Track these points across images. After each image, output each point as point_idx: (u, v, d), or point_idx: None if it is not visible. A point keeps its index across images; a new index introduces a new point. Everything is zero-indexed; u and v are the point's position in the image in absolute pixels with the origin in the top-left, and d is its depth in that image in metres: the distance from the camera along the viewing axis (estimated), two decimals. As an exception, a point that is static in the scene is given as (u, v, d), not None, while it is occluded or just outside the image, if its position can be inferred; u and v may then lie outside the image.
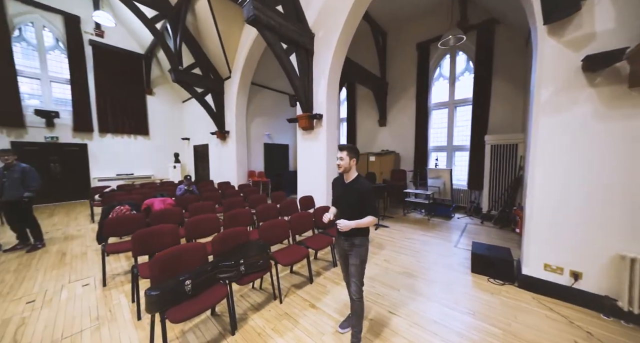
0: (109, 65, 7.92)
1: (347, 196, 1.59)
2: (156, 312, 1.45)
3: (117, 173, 8.44)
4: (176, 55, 6.00)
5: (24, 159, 6.62)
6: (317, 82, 4.30)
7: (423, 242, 3.74)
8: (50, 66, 7.04)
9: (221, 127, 7.26)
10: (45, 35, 6.95)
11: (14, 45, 6.44)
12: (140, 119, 8.79)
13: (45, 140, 7.00)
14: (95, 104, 7.77)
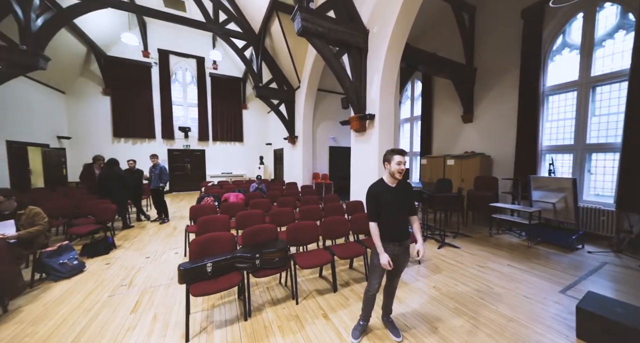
0: (220, 90, 10.51)
1: (398, 199, 1.63)
2: (183, 283, 1.78)
3: (222, 172, 10.96)
4: (258, 75, 7.23)
5: (172, 160, 9.77)
6: (370, 80, 4.05)
7: (505, 275, 2.76)
8: (188, 96, 10.10)
9: (292, 132, 8.08)
10: (187, 75, 10.05)
11: (172, 84, 9.68)
12: (238, 128, 11.10)
13: (183, 147, 10.06)
14: (211, 120, 10.47)
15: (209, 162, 10.65)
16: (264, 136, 11.82)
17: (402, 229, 1.65)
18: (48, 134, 6.97)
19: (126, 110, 8.77)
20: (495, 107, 5.60)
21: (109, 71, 8.32)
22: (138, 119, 8.97)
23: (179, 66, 9.89)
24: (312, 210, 3.50)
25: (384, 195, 1.63)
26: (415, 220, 1.76)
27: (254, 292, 2.42)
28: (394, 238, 1.64)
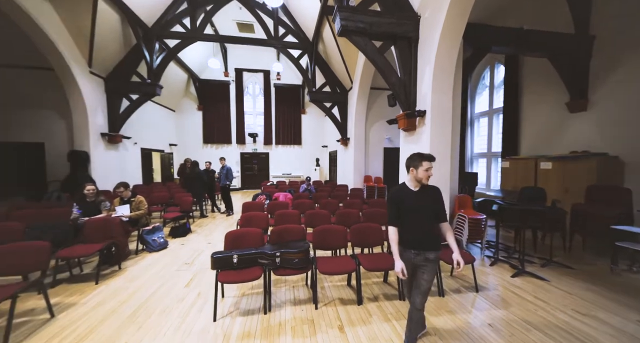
0: (282, 98, 11.62)
1: (421, 203, 1.57)
2: (214, 269, 2.07)
3: (283, 173, 12.05)
4: (311, 80, 7.60)
5: (243, 161, 11.44)
6: (421, 72, 3.60)
7: (627, 336, 1.87)
8: (256, 105, 11.64)
9: (344, 134, 8.08)
10: (256, 87, 11.60)
11: (245, 97, 11.37)
12: (297, 132, 11.95)
13: (252, 150, 11.64)
14: (274, 125, 11.69)
15: (272, 164, 11.92)
16: (320, 139, 12.28)
17: (424, 237, 1.56)
18: (164, 142, 9.47)
19: (211, 121, 10.92)
20: (630, 87, 3.92)
21: (201, 91, 10.60)
22: (219, 128, 11.00)
23: (250, 81, 11.53)
24: (348, 214, 3.40)
25: (405, 199, 1.60)
26: (446, 228, 1.61)
27: (280, 289, 2.55)
28: (411, 245, 1.57)
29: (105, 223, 2.89)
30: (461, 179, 4.54)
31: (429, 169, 1.54)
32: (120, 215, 3.22)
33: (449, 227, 1.60)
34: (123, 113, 6.42)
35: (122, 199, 3.51)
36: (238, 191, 11.17)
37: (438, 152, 3.36)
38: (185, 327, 1.95)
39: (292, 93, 11.75)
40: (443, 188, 3.46)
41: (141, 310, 2.17)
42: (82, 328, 1.92)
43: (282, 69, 9.55)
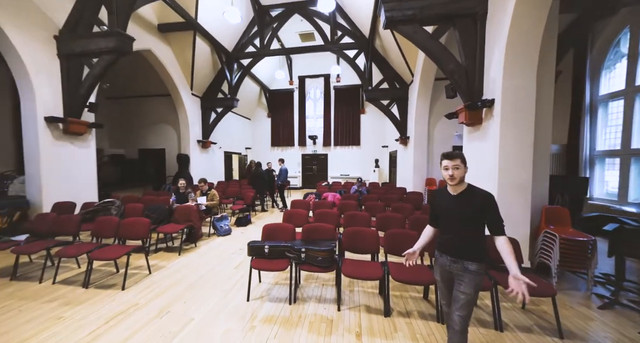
0: (341, 99, 11.81)
1: (459, 209, 1.38)
2: (249, 256, 2.37)
3: (340, 174, 12.21)
4: (368, 78, 7.42)
5: (304, 162, 12.27)
6: (489, 53, 2.95)
7: None
8: (317, 109, 12.27)
9: (403, 132, 7.48)
10: (317, 92, 12.25)
11: (307, 101, 12.22)
12: (355, 133, 11.86)
13: (311, 152, 12.34)
14: (333, 127, 12.00)
15: (330, 165, 12.27)
16: (380, 139, 11.75)
17: (460, 243, 1.39)
18: (241, 146, 11.32)
19: (278, 126, 12.25)
20: None
21: (271, 100, 12.08)
22: (284, 132, 12.20)
23: (312, 86, 12.27)
24: (389, 218, 3.15)
25: (439, 201, 1.50)
26: (503, 243, 1.30)
27: (310, 284, 2.64)
28: (445, 250, 1.44)
29: (187, 209, 3.76)
30: (558, 185, 3.41)
31: (448, 168, 1.34)
32: (199, 204, 4.10)
33: (506, 242, 1.31)
34: (212, 123, 8.10)
35: (202, 192, 4.47)
36: (298, 190, 12.05)
37: (511, 151, 2.70)
38: (225, 301, 2.31)
39: (351, 94, 11.76)
40: (521, 196, 2.71)
41: (200, 281, 2.71)
42: (164, 286, 2.58)
43: (341, 71, 9.70)
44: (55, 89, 4.02)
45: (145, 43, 5.81)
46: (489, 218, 1.34)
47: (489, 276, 2.02)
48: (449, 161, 1.34)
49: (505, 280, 1.67)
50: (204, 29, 6.32)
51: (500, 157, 2.75)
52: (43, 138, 3.91)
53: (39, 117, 3.83)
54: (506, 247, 1.29)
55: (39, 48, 3.83)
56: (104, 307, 2.20)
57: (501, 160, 2.75)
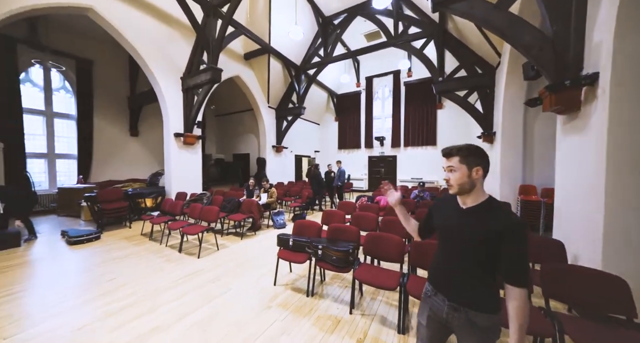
0: (413, 95, 10.81)
1: (465, 230, 0.97)
2: (278, 246, 2.69)
3: (412, 177, 11.15)
4: (438, 69, 6.53)
5: (371, 165, 11.99)
6: (593, 10, 2.08)
7: None
8: (385, 108, 11.75)
9: (487, 127, 6.12)
10: (385, 90, 11.74)
11: (374, 102, 11.93)
12: (430, 131, 10.53)
13: (379, 154, 11.89)
14: (403, 126, 11.14)
15: (399, 167, 11.42)
16: (463, 136, 9.93)
17: (464, 284, 0.97)
18: (310, 149, 12.34)
19: (344, 129, 12.53)
20: None
21: (338, 105, 12.55)
22: (351, 134, 12.35)
23: (380, 85, 11.86)
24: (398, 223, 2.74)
25: (443, 212, 1.09)
26: (515, 298, 0.87)
27: (334, 283, 2.69)
28: (441, 288, 1.02)
29: (250, 203, 4.59)
30: None
31: (447, 169, 1.00)
32: (259, 199, 4.90)
33: (521, 299, 0.86)
34: (283, 130, 9.32)
35: (264, 189, 5.29)
36: (365, 192, 11.86)
37: (627, 149, 1.80)
38: (257, 282, 2.72)
39: (424, 88, 10.55)
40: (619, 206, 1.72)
41: (247, 262, 3.29)
42: (223, 261, 3.32)
43: (410, 65, 8.93)
44: (179, 113, 5.86)
45: (235, 71, 7.45)
46: (505, 255, 0.88)
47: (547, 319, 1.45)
48: (444, 160, 1.01)
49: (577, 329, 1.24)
50: (275, 50, 7.43)
51: (609, 159, 1.86)
52: (173, 147, 5.77)
53: (170, 133, 5.69)
54: (518, 307, 0.84)
55: (172, 87, 5.71)
56: (185, 267, 3.08)
57: (610, 165, 1.86)
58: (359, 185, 11.90)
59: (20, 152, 5.99)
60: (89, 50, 7.20)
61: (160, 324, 1.99)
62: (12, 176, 5.54)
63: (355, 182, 11.86)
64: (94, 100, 7.40)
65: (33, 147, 6.41)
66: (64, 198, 5.99)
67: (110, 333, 1.89)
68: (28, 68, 6.38)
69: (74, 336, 1.86)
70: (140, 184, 6.70)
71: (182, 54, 5.78)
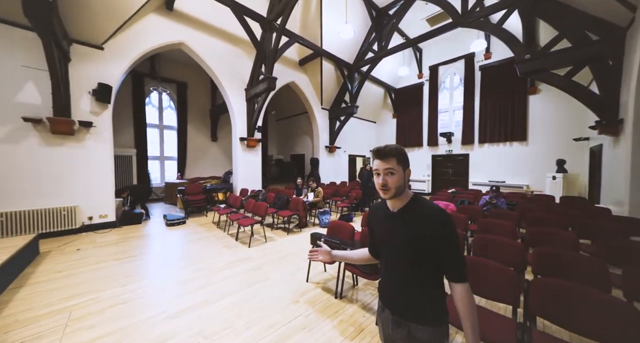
0: (492, 81, 9.03)
1: (399, 235, 0.92)
2: (311, 244, 2.79)
3: (489, 180, 9.36)
4: (525, 43, 5.27)
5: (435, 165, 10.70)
6: None
7: None
8: (454, 100, 10.25)
9: (610, 115, 4.54)
10: (455, 79, 10.24)
11: (440, 93, 10.59)
12: (517, 123, 8.56)
13: (445, 152, 10.47)
14: (478, 119, 9.46)
15: (472, 168, 9.77)
16: (568, 128, 7.67)
17: (404, 294, 0.92)
18: (365, 149, 12.04)
19: (404, 126, 11.62)
20: None
21: (396, 100, 11.75)
22: (411, 131, 11.34)
23: (448, 73, 10.43)
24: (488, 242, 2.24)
25: (375, 221, 1.06)
26: (460, 294, 0.85)
27: (366, 290, 2.58)
28: (387, 303, 0.98)
29: (297, 201, 4.88)
30: None
31: (379, 173, 0.90)
32: (305, 198, 5.15)
33: (466, 295, 0.84)
34: (336, 130, 9.46)
35: (311, 188, 5.53)
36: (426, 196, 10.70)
37: None
38: (292, 276, 2.89)
39: (508, 71, 8.64)
40: None
41: (289, 256, 3.53)
42: (268, 252, 3.68)
43: (486, 45, 7.47)
44: (243, 120, 6.80)
45: (291, 77, 8.07)
46: (440, 253, 0.85)
47: None
48: (380, 162, 0.90)
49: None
50: (327, 52, 7.62)
51: None
52: (238, 150, 6.75)
53: (237, 137, 6.68)
54: (465, 302, 0.83)
55: (238, 98, 6.69)
56: (237, 254, 3.58)
57: None
58: (420, 187, 10.84)
59: (144, 155, 8.28)
60: (184, 75, 9.25)
61: (208, 298, 2.40)
62: (139, 173, 7.72)
63: (414, 184, 10.89)
64: (188, 114, 9.46)
65: (151, 152, 8.74)
66: (168, 190, 7.92)
67: (179, 297, 2.41)
68: (149, 94, 8.75)
69: (158, 293, 2.47)
70: (216, 181, 8.14)
71: (246, 69, 6.69)
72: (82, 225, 4.48)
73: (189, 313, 2.17)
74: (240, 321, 2.05)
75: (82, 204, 4.49)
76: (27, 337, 1.84)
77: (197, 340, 1.83)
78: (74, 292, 2.49)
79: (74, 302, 2.31)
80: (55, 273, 2.90)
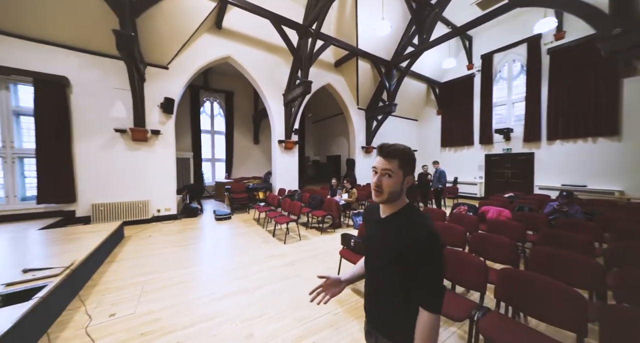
0: (566, 65, 7.65)
1: (380, 242, 0.88)
2: (342, 245, 2.87)
3: (562, 184, 7.95)
4: (610, 15, 4.35)
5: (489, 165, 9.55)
6: None
7: None
8: (513, 91, 8.97)
9: None
10: (513, 67, 8.96)
11: (495, 85, 9.41)
12: (604, 114, 7.05)
13: (502, 151, 9.26)
14: (546, 112, 8.11)
15: (539, 169, 8.43)
16: (682, 117, 6.00)
17: (378, 305, 0.90)
18: (405, 149, 11.49)
19: (450, 123, 10.67)
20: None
21: (442, 95, 10.87)
22: (459, 129, 10.34)
23: (505, 60, 9.20)
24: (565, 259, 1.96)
25: (368, 224, 1.00)
26: (422, 323, 0.77)
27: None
28: (367, 316, 0.96)
29: (330, 202, 5.00)
30: None
31: (377, 172, 0.85)
32: (339, 198, 5.22)
33: (427, 325, 0.75)
34: (373, 130, 9.27)
35: (346, 189, 5.57)
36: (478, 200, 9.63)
37: None
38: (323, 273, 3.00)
39: (589, 51, 7.19)
40: None
41: (320, 254, 3.66)
42: (302, 250, 3.88)
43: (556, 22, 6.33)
44: (281, 123, 7.25)
45: (326, 79, 8.25)
46: (413, 273, 0.77)
47: None
48: (381, 160, 0.83)
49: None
50: (363, 51, 7.55)
51: None
52: (277, 152, 7.23)
53: (275, 140, 7.16)
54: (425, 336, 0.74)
55: (276, 103, 7.18)
56: (273, 249, 3.87)
57: None
58: (470, 190, 9.83)
59: (199, 158, 9.52)
60: (231, 85, 10.29)
61: (246, 287, 2.68)
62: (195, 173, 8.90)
63: (463, 186, 9.91)
64: (234, 120, 10.50)
65: (204, 155, 9.98)
66: (218, 189, 8.93)
67: (223, 284, 2.77)
68: (203, 103, 10.02)
69: (206, 278, 2.89)
70: (258, 181, 8.84)
71: (283, 75, 7.13)
72: (153, 216, 5.44)
73: (229, 298, 2.47)
74: (273, 311, 2.25)
75: (153, 199, 5.44)
76: (115, 301, 2.39)
77: (234, 323, 2.09)
78: (145, 270, 3.08)
79: (146, 278, 2.87)
80: (134, 253, 3.62)
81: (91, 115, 4.86)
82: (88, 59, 4.83)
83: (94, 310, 2.23)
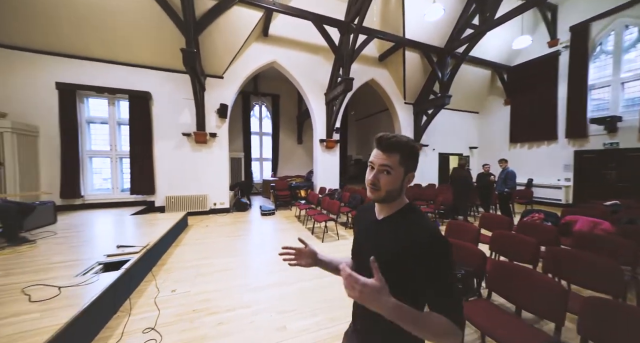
0: None
1: (374, 246, 0.78)
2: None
3: (703, 190, 5.87)
4: None
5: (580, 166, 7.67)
6: None
7: None
8: (620, 68, 7.00)
9: None
10: (627, 35, 6.91)
11: (594, 58, 7.48)
12: None
13: (603, 147, 7.32)
14: (674, 92, 6.08)
15: (660, 169, 6.41)
16: None
17: (367, 317, 0.77)
18: (463, 146, 10.21)
19: (522, 114, 9.01)
20: None
21: (511, 81, 9.26)
22: (536, 121, 8.63)
23: (609, 30, 7.22)
24: None
25: (359, 225, 0.91)
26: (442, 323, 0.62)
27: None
28: (353, 315, 0.88)
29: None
30: None
31: (374, 167, 0.73)
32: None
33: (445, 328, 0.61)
34: (422, 126, 8.56)
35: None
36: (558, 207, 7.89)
37: None
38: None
39: None
40: None
41: (357, 256, 3.59)
42: (338, 249, 3.89)
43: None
44: (323, 123, 7.36)
45: (370, 75, 7.99)
46: (427, 282, 0.66)
47: None
48: (379, 153, 0.72)
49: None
50: (410, 41, 7.03)
51: None
52: (318, 151, 7.38)
53: (316, 139, 7.31)
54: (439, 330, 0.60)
55: (318, 102, 7.33)
56: (311, 247, 3.98)
57: None
58: (551, 195, 8.18)
59: (249, 157, 10.46)
60: (277, 88, 10.94)
61: (285, 281, 2.83)
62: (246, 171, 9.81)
63: (541, 190, 8.27)
64: (280, 122, 11.15)
65: (253, 154, 10.90)
66: (265, 186, 9.65)
67: (263, 275, 3.00)
68: (253, 107, 10.95)
69: (250, 268, 3.17)
70: (300, 179, 9.19)
71: (325, 74, 7.21)
72: (210, 209, 6.24)
73: (268, 289, 2.65)
74: (307, 307, 2.32)
75: (210, 193, 6.24)
76: (177, 278, 2.84)
77: (270, 313, 2.23)
78: (201, 255, 3.56)
79: (201, 262, 3.31)
80: (194, 240, 4.23)
81: (165, 121, 5.88)
82: (163, 75, 5.85)
83: (161, 285, 2.69)
